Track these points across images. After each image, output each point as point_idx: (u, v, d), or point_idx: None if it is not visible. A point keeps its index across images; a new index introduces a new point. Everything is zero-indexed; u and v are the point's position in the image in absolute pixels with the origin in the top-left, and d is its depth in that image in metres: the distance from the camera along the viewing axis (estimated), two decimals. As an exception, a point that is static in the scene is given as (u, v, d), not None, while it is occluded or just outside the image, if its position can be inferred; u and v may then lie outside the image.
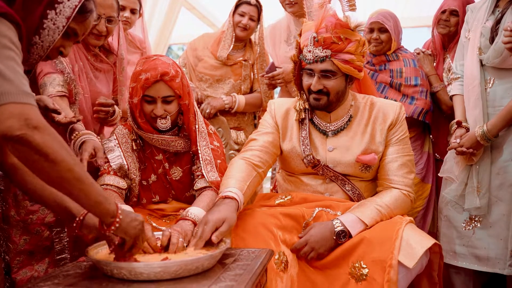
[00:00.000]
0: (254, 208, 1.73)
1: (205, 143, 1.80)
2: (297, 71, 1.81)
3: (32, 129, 0.94)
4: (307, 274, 1.57)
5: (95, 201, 1.08)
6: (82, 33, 1.26)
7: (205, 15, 5.36)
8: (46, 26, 1.16)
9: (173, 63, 1.76)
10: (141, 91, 1.70)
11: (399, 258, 1.43)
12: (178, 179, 1.85)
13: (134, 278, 1.15)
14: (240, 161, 1.74)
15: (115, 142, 1.81)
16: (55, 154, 0.97)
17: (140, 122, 1.76)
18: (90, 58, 2.03)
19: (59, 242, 1.93)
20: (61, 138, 1.01)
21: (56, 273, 1.22)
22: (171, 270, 1.15)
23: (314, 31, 1.68)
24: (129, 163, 1.79)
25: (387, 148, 1.77)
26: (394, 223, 1.55)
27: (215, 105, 2.57)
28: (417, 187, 2.50)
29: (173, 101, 1.74)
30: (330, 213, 1.69)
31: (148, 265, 1.15)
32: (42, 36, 1.17)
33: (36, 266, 1.88)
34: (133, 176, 1.80)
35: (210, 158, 1.78)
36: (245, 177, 1.66)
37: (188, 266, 1.17)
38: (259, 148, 1.79)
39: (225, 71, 2.66)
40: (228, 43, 2.63)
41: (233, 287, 1.11)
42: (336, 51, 1.66)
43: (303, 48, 1.72)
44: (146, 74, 1.68)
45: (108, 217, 1.12)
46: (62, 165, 0.98)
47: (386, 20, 2.53)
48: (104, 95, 2.06)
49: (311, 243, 1.55)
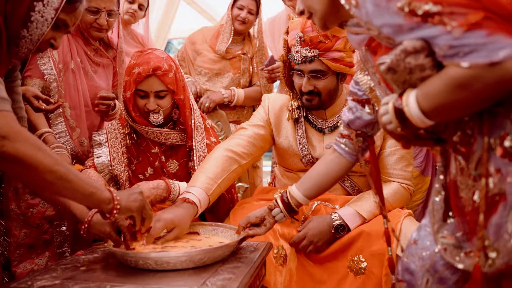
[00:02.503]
0: (252, 202, 1.73)
1: (201, 138, 1.80)
2: (287, 71, 1.78)
3: (1, 139, 0.91)
4: (306, 267, 1.57)
5: (86, 194, 1.07)
6: (73, 23, 1.22)
7: (205, 9, 5.34)
8: (34, 19, 1.12)
9: (167, 57, 1.75)
10: (133, 85, 1.69)
11: (397, 251, 1.42)
12: (174, 172, 1.85)
13: (160, 268, 1.17)
14: (221, 152, 1.67)
15: (104, 136, 1.83)
16: (30, 160, 0.94)
17: (134, 116, 1.76)
18: (90, 53, 2.02)
19: (59, 236, 1.93)
20: (36, 139, 0.98)
21: (55, 266, 1.22)
22: (196, 258, 1.19)
23: (300, 30, 1.64)
24: (113, 159, 1.80)
25: (385, 141, 1.75)
26: (393, 216, 1.55)
27: (214, 98, 2.57)
28: (417, 180, 2.49)
29: (166, 96, 1.73)
30: (329, 207, 1.68)
31: (174, 255, 1.18)
32: (30, 30, 1.12)
33: (36, 260, 1.89)
34: (117, 171, 1.80)
35: (204, 154, 1.78)
36: (220, 173, 1.60)
37: (213, 254, 1.22)
38: (247, 139, 1.74)
39: (224, 65, 2.66)
40: (227, 37, 2.62)
41: (231, 279, 1.11)
42: (324, 50, 1.62)
43: (291, 47, 1.69)
44: (139, 68, 1.68)
45: (105, 204, 1.12)
46: (40, 169, 0.96)
47: None
48: (104, 89, 2.06)
49: (309, 237, 1.55)
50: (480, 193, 0.85)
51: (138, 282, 1.10)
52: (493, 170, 0.83)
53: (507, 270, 0.84)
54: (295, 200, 1.42)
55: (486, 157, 0.83)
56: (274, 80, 2.68)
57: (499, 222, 0.82)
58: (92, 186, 1.09)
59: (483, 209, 0.84)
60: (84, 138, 2.02)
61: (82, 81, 1.97)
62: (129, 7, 2.64)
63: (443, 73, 0.79)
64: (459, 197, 0.93)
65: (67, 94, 1.92)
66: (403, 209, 1.66)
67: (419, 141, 0.94)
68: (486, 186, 0.84)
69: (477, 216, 0.86)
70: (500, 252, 0.83)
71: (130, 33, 2.76)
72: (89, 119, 2.04)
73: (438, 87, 0.80)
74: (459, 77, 0.76)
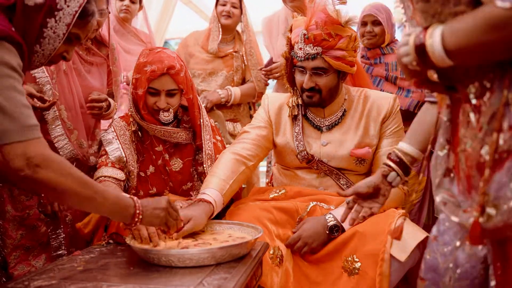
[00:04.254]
0: (248, 202, 1.74)
1: (209, 137, 1.84)
2: (289, 68, 1.81)
3: (34, 167, 0.99)
4: (301, 268, 1.58)
5: (109, 212, 1.18)
6: (85, 36, 1.23)
7: (202, 9, 5.34)
8: (46, 35, 1.12)
9: (177, 56, 1.78)
10: (146, 83, 1.71)
11: (391, 251, 1.43)
12: (178, 170, 1.87)
13: (183, 264, 1.22)
14: (228, 156, 1.73)
15: (113, 134, 1.83)
16: (59, 185, 1.04)
17: (143, 114, 1.77)
18: (82, 52, 2.01)
19: (56, 239, 1.92)
20: (65, 163, 1.07)
21: (52, 267, 1.23)
22: (218, 255, 1.23)
23: (304, 28, 1.67)
24: (127, 155, 1.80)
25: (381, 141, 1.78)
26: (387, 217, 1.55)
27: (211, 99, 2.61)
28: (413, 180, 2.50)
29: (176, 94, 1.76)
30: (324, 208, 1.69)
31: (196, 252, 1.23)
32: (42, 45, 1.14)
33: (33, 262, 1.88)
34: (131, 168, 1.81)
35: (212, 153, 1.82)
36: (230, 175, 1.66)
37: (233, 251, 1.26)
38: (251, 142, 1.79)
39: (217, 64, 2.73)
40: (216, 35, 2.72)
41: (227, 279, 1.12)
42: (327, 48, 1.65)
43: (294, 45, 1.72)
44: (152, 66, 1.69)
45: (127, 220, 1.20)
46: (68, 193, 1.06)
47: (379, 12, 2.53)
48: (98, 89, 2.04)
49: (304, 238, 1.56)
50: (490, 148, 0.83)
51: (135, 282, 1.11)
52: (506, 126, 0.81)
53: (505, 229, 0.82)
54: (409, 157, 1.35)
55: (502, 112, 0.81)
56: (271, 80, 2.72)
57: (503, 180, 0.81)
58: (116, 205, 1.17)
59: (490, 164, 0.82)
60: (83, 140, 2.00)
61: (75, 82, 1.96)
62: (120, 4, 2.63)
63: (479, 10, 0.76)
64: (463, 150, 0.91)
65: (61, 96, 1.91)
66: (398, 209, 1.67)
67: (430, 85, 0.91)
68: (496, 141, 0.82)
69: (480, 171, 0.84)
70: (499, 209, 0.81)
71: (131, 31, 2.76)
72: (85, 120, 2.03)
73: (470, 24, 0.77)
74: (496, 17, 0.73)
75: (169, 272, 1.18)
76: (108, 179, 1.74)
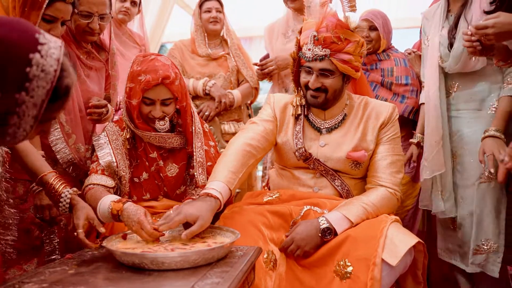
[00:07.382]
0: (243, 206, 1.74)
1: (200, 144, 1.83)
2: (296, 68, 1.84)
3: None
4: (295, 272, 1.58)
5: None
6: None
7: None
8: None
9: (172, 64, 1.77)
10: (140, 93, 1.70)
11: (383, 256, 1.44)
12: (174, 176, 1.87)
13: (156, 267, 1.22)
14: (240, 146, 1.72)
15: (105, 139, 1.82)
16: None
17: (138, 123, 1.77)
18: (82, 56, 2.01)
19: (50, 244, 1.91)
20: None
21: (42, 270, 1.22)
22: (191, 259, 1.23)
23: (315, 29, 1.71)
24: (118, 160, 1.79)
25: (378, 147, 1.80)
26: (379, 222, 1.56)
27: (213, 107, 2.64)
28: (407, 186, 2.51)
29: (171, 103, 1.76)
30: (318, 212, 1.69)
31: (168, 255, 1.22)
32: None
33: (25, 266, 1.86)
34: (122, 173, 1.80)
35: (203, 160, 1.81)
36: (240, 167, 1.65)
37: (206, 255, 1.25)
38: (260, 133, 1.80)
39: (213, 67, 2.76)
40: (202, 42, 2.77)
41: (219, 283, 1.11)
42: (335, 50, 1.69)
43: (303, 45, 1.76)
44: (146, 76, 1.68)
45: None
46: None
47: (375, 18, 2.55)
48: (96, 93, 2.05)
49: (296, 241, 1.56)
50: None
51: (127, 286, 1.11)
52: None
53: None
54: None
55: None
56: (265, 76, 2.76)
57: None
58: None
59: None
60: (80, 144, 2.00)
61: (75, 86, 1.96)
62: (121, 5, 2.64)
63: None
64: None
65: None
66: (391, 215, 1.68)
67: None
68: None
69: None
70: None
71: (125, 33, 2.75)
72: (83, 124, 2.03)
73: None
74: None
75: (161, 276, 1.18)
76: (97, 186, 1.73)
